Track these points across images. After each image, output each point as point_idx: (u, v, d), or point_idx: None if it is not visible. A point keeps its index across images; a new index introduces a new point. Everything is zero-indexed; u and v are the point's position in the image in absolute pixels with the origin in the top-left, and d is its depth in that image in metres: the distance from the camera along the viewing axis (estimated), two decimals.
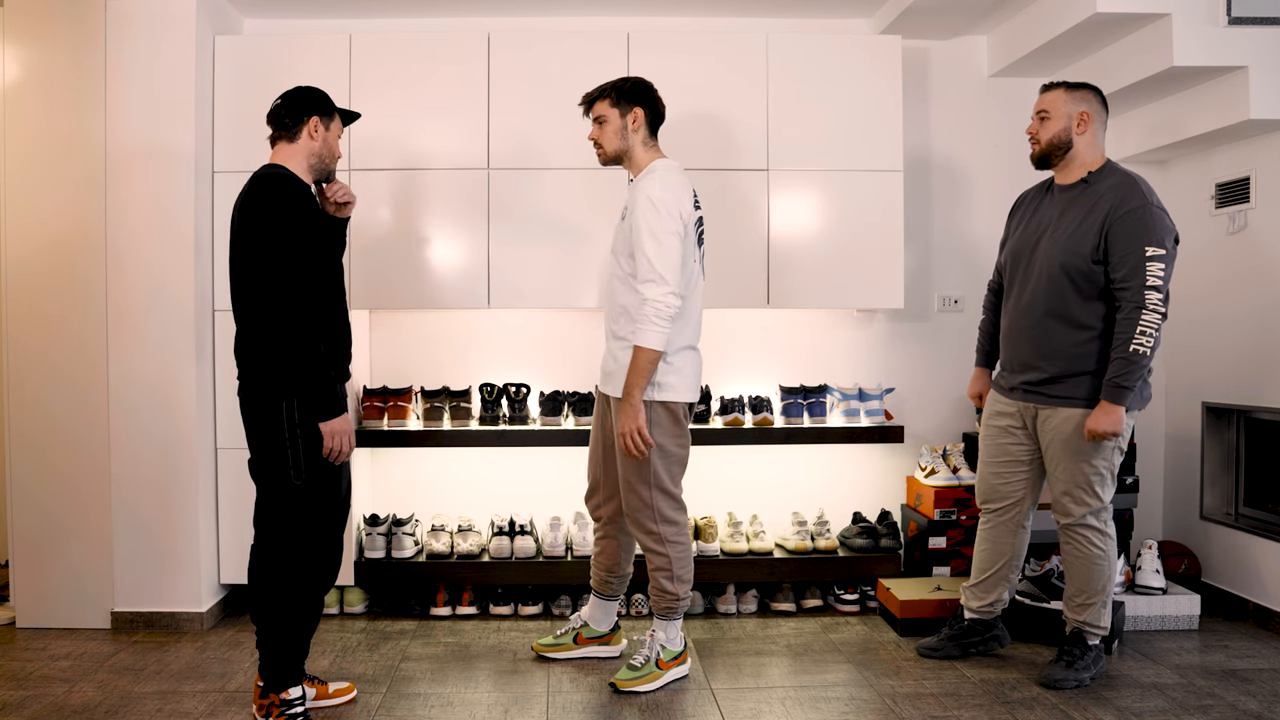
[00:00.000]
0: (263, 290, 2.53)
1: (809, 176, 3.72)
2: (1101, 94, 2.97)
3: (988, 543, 3.16)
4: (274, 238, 2.53)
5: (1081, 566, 2.95)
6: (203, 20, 3.52)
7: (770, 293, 3.71)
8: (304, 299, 2.54)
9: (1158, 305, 2.74)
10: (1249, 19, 3.24)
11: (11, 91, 3.45)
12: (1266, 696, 2.89)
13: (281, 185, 2.59)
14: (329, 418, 2.58)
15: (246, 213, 2.59)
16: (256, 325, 2.57)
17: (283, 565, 2.62)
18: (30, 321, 3.46)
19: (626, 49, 3.66)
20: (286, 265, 2.52)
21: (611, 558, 3.21)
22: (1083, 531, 2.93)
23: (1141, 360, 2.75)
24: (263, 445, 2.62)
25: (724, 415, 3.76)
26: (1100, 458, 2.89)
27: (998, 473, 3.11)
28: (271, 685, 2.63)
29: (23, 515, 3.48)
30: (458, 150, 3.64)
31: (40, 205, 3.45)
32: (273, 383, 2.56)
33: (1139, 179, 2.86)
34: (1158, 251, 2.75)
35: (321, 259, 2.67)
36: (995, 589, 3.16)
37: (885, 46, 3.74)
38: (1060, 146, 2.93)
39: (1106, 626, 3.00)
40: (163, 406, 3.46)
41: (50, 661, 3.18)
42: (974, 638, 3.20)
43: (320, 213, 2.71)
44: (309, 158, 2.71)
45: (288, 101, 2.74)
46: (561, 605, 3.71)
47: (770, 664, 3.20)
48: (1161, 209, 2.81)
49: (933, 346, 4.10)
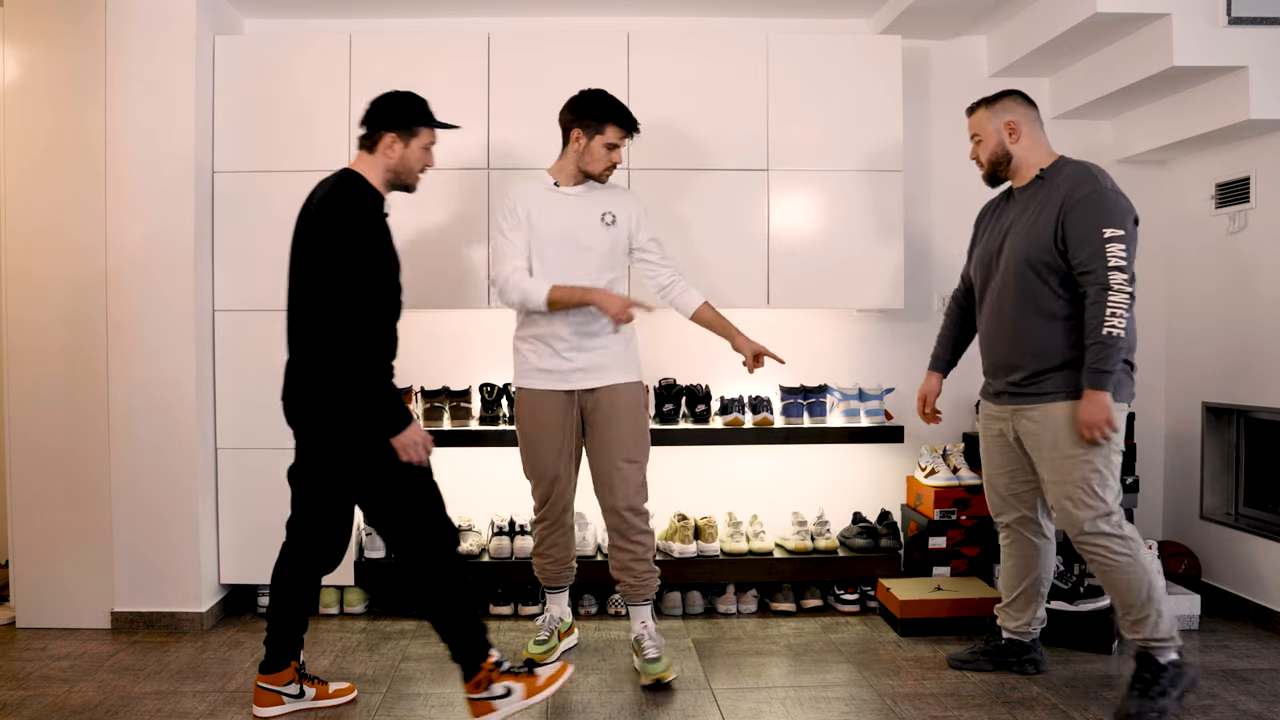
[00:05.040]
0: (329, 303, 2.51)
1: (809, 176, 3.72)
2: (1023, 95, 2.94)
3: (1010, 559, 3.07)
4: (344, 251, 2.50)
5: (1111, 579, 2.75)
6: (203, 20, 3.52)
7: (770, 293, 3.71)
8: (369, 315, 2.53)
9: (1123, 285, 2.64)
10: (1249, 19, 3.24)
11: (11, 91, 3.45)
12: (1266, 696, 2.89)
13: (354, 196, 2.57)
14: (398, 431, 2.57)
15: (319, 219, 2.56)
16: (319, 335, 2.55)
17: (427, 552, 2.62)
18: (30, 321, 3.46)
19: (626, 49, 3.66)
20: (354, 280, 2.50)
21: (569, 549, 3.27)
22: (1096, 541, 2.74)
23: (1116, 342, 2.63)
24: (338, 454, 2.62)
25: (724, 415, 3.76)
26: (1095, 455, 2.75)
27: (1002, 483, 3.03)
28: (479, 659, 2.63)
29: (23, 515, 3.48)
30: (458, 150, 3.64)
31: (40, 205, 3.45)
32: (337, 395, 2.56)
33: (1092, 167, 2.80)
34: (1116, 232, 2.67)
35: (388, 275, 2.63)
36: (1028, 608, 3.06)
37: (885, 46, 3.75)
38: (1001, 160, 2.92)
39: (1172, 636, 2.72)
40: (163, 406, 3.46)
41: (50, 661, 3.18)
42: (1010, 657, 3.09)
43: (387, 227, 2.68)
44: (384, 172, 2.70)
45: (370, 111, 2.71)
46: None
47: (770, 664, 3.20)
48: (1117, 192, 2.75)
49: (933, 346, 4.08)
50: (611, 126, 3.00)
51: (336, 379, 2.55)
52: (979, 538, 3.74)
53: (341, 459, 2.64)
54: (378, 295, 2.58)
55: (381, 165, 2.70)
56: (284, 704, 2.76)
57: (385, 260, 2.61)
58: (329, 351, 2.53)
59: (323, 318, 2.53)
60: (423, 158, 2.76)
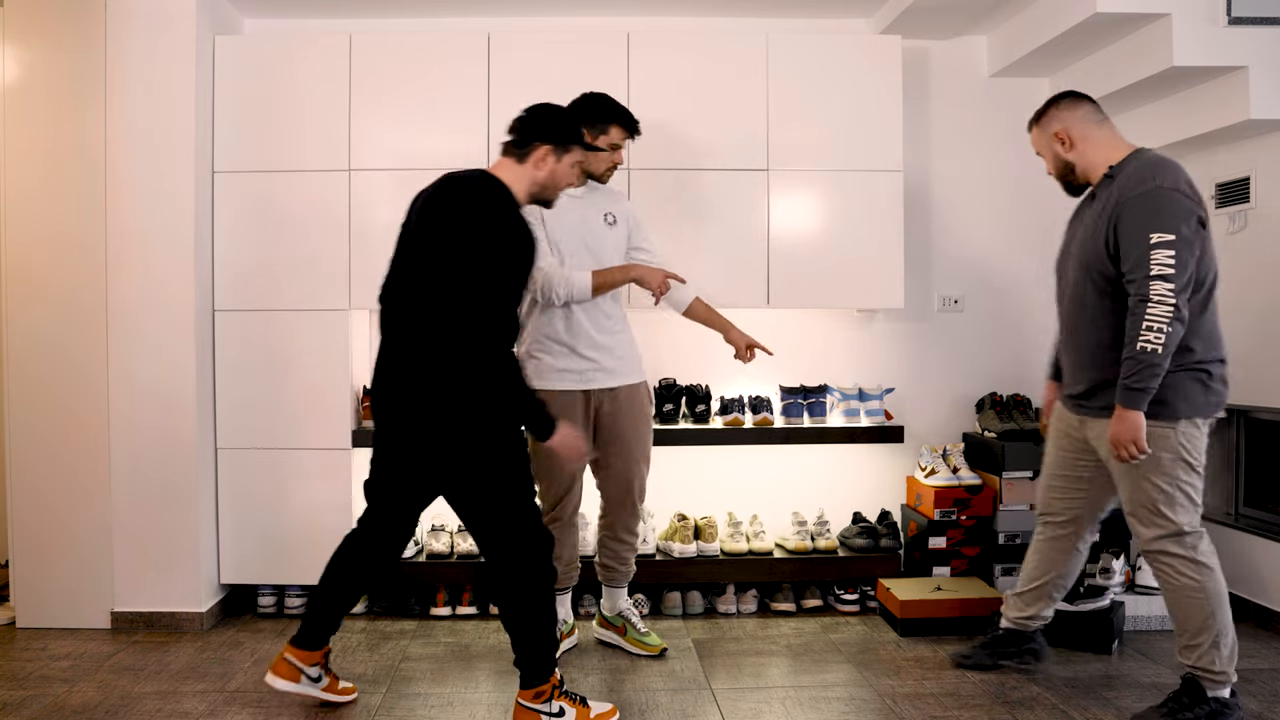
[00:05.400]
0: (468, 309, 2.43)
1: (809, 176, 3.73)
2: (1071, 95, 2.79)
3: (1039, 555, 3.00)
4: (487, 259, 2.42)
5: (1172, 599, 2.63)
6: (203, 20, 3.52)
7: (770, 293, 3.71)
8: (508, 326, 2.49)
9: (1164, 296, 2.45)
10: (1249, 19, 3.24)
11: (11, 91, 3.45)
12: (1266, 696, 2.89)
13: (503, 205, 2.49)
14: (550, 435, 2.55)
15: (466, 221, 2.46)
16: (445, 333, 2.46)
17: (522, 552, 2.57)
18: (30, 321, 3.46)
19: (626, 49, 3.66)
20: (493, 289, 2.43)
21: (576, 549, 3.31)
22: (1163, 559, 2.61)
23: (1149, 358, 2.46)
24: (441, 450, 2.54)
25: (724, 415, 3.76)
26: (1159, 474, 2.57)
27: (1055, 485, 2.94)
28: (542, 676, 2.61)
29: (23, 515, 3.48)
30: (458, 150, 3.63)
31: (40, 205, 3.45)
32: (466, 397, 2.48)
33: (1158, 161, 2.59)
34: (1164, 237, 2.46)
35: (520, 286, 2.56)
36: (1037, 603, 3.01)
37: (885, 46, 3.75)
38: (1065, 172, 2.79)
39: (1225, 672, 2.58)
40: (163, 406, 3.46)
41: (50, 661, 3.18)
42: (1009, 648, 3.05)
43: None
44: (531, 184, 2.62)
45: (527, 120, 2.63)
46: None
47: (770, 664, 3.20)
48: (1178, 190, 2.52)
49: (933, 346, 4.10)
50: (615, 127, 3.06)
51: (479, 390, 2.47)
52: (979, 538, 3.74)
53: (444, 455, 2.55)
54: (510, 309, 2.51)
55: (529, 178, 2.61)
56: (299, 684, 2.74)
57: (523, 270, 2.55)
58: (468, 359, 2.45)
59: (455, 320, 2.44)
60: (569, 175, 2.69)
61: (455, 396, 2.49)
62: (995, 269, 4.10)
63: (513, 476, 2.58)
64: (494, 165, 2.66)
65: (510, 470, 2.57)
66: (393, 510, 2.72)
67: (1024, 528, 3.68)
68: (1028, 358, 4.07)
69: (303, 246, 3.63)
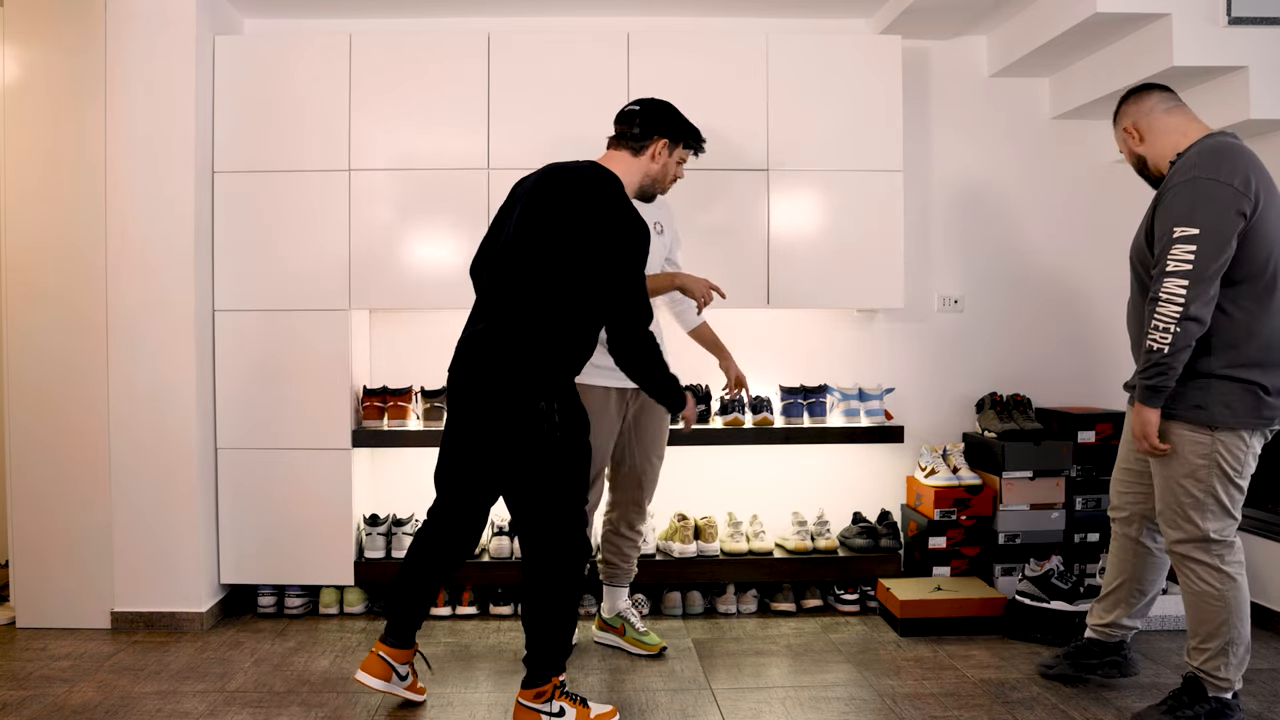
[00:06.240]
0: (624, 293, 2.51)
1: (809, 176, 3.73)
2: (1142, 88, 2.72)
3: (1112, 555, 2.93)
4: (628, 250, 2.49)
5: (1189, 601, 2.60)
6: (203, 20, 3.52)
7: (770, 293, 3.71)
8: (646, 307, 2.57)
9: (1174, 294, 2.39)
10: (1249, 19, 3.24)
11: (11, 91, 3.45)
12: (1266, 696, 2.89)
13: (624, 195, 2.56)
14: (683, 406, 2.71)
15: (604, 213, 2.49)
16: (615, 321, 2.56)
17: (562, 548, 2.58)
18: (30, 322, 3.46)
19: (626, 49, 3.66)
20: (636, 276, 2.52)
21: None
22: (1186, 562, 2.57)
23: (1157, 358, 2.42)
24: (520, 429, 2.53)
25: (724, 415, 3.77)
26: (1191, 479, 2.52)
27: (1119, 479, 2.89)
28: (555, 671, 2.61)
29: (23, 515, 3.48)
30: (457, 150, 3.64)
31: (40, 205, 3.45)
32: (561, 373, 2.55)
33: (1213, 147, 2.47)
34: (1186, 231, 2.38)
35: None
36: (1116, 609, 2.91)
37: (885, 47, 3.75)
38: (1140, 164, 2.74)
39: (1230, 680, 2.56)
40: (163, 406, 3.47)
41: (50, 661, 3.18)
42: (1090, 659, 2.96)
43: None
44: (643, 177, 2.68)
45: (644, 113, 2.66)
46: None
47: (770, 664, 3.20)
48: (1215, 180, 2.39)
49: (933, 346, 4.10)
50: (692, 147, 2.96)
51: (637, 356, 2.58)
52: (979, 538, 3.74)
53: (521, 438, 2.53)
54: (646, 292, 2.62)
55: (642, 170, 2.66)
56: (390, 682, 2.74)
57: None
58: (632, 338, 2.55)
59: (619, 305, 2.52)
60: (676, 170, 2.75)
61: (554, 380, 2.53)
62: (995, 269, 4.10)
63: (575, 476, 2.60)
64: (604, 157, 2.69)
65: (574, 469, 2.59)
66: (463, 500, 2.72)
67: (1024, 528, 3.68)
68: (1028, 358, 4.08)
69: (302, 247, 3.63)
